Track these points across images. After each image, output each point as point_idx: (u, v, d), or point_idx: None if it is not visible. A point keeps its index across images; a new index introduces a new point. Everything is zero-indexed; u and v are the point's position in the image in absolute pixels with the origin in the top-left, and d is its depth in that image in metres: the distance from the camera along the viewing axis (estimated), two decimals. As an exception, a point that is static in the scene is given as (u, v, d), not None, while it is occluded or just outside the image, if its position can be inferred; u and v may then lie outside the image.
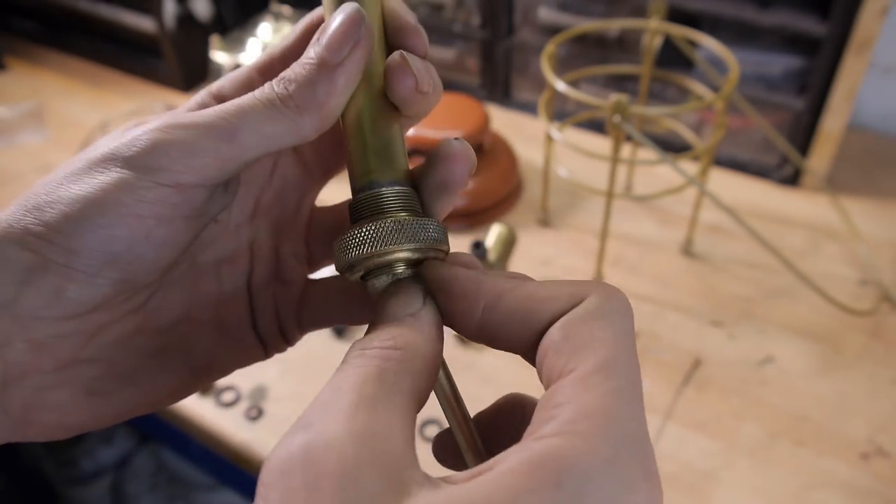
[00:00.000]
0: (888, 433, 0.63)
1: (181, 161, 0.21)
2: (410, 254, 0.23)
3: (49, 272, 0.21)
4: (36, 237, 0.21)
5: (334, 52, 0.22)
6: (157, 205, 0.22)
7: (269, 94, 0.22)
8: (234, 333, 0.27)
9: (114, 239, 0.21)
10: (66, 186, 0.22)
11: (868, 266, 0.79)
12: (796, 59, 0.86)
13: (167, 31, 1.10)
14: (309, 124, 0.23)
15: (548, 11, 0.98)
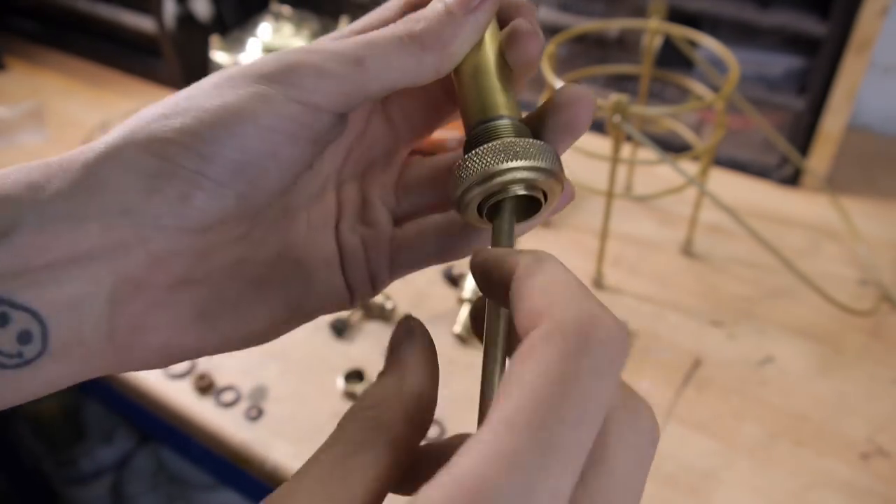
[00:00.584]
0: (888, 433, 0.63)
1: (314, 81, 0.22)
2: (532, 173, 0.23)
3: (177, 178, 0.21)
4: (165, 142, 0.21)
5: (464, 6, 0.23)
6: (289, 121, 0.22)
7: (397, 30, 0.23)
8: (323, 276, 0.27)
9: (246, 149, 0.22)
10: (198, 99, 0.22)
11: (868, 266, 0.79)
12: (796, 59, 0.86)
13: (167, 31, 1.10)
14: (430, 63, 0.23)
15: (548, 11, 0.98)
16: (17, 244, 0.20)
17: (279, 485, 0.20)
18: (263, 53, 0.93)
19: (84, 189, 0.21)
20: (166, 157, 0.21)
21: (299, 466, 0.21)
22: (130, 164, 0.21)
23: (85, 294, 0.21)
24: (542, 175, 0.24)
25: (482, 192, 0.24)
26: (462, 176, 0.24)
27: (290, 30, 0.96)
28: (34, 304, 0.20)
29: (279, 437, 0.64)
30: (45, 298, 0.20)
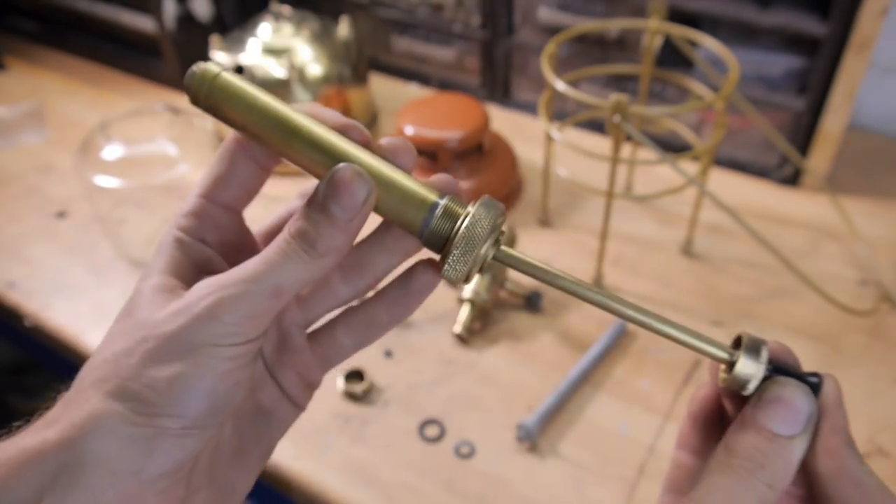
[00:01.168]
0: (888, 433, 0.63)
1: (244, 324, 0.26)
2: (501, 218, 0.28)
3: (168, 436, 0.25)
4: (146, 416, 0.25)
5: (348, 213, 0.26)
6: (237, 359, 0.26)
7: (298, 252, 0.26)
8: (275, 409, 0.31)
9: (214, 394, 0.25)
10: (153, 369, 0.25)
11: (868, 266, 0.79)
12: (796, 59, 0.86)
13: (167, 31, 1.10)
14: (331, 262, 0.27)
15: (548, 11, 0.98)
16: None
17: (279, 485, 0.21)
18: (263, 53, 0.93)
19: (91, 464, 0.24)
20: (153, 426, 0.25)
21: (299, 466, 0.22)
22: (120, 435, 0.24)
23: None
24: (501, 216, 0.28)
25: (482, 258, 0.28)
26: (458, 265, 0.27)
27: (290, 30, 0.96)
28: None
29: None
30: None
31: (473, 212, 0.27)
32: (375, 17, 1.13)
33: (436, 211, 0.27)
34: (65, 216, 0.93)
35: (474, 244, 0.27)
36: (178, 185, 0.91)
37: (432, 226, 0.27)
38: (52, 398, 0.27)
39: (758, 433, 0.26)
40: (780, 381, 0.27)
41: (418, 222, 0.27)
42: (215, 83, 0.28)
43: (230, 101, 0.28)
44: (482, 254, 0.27)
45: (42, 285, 0.83)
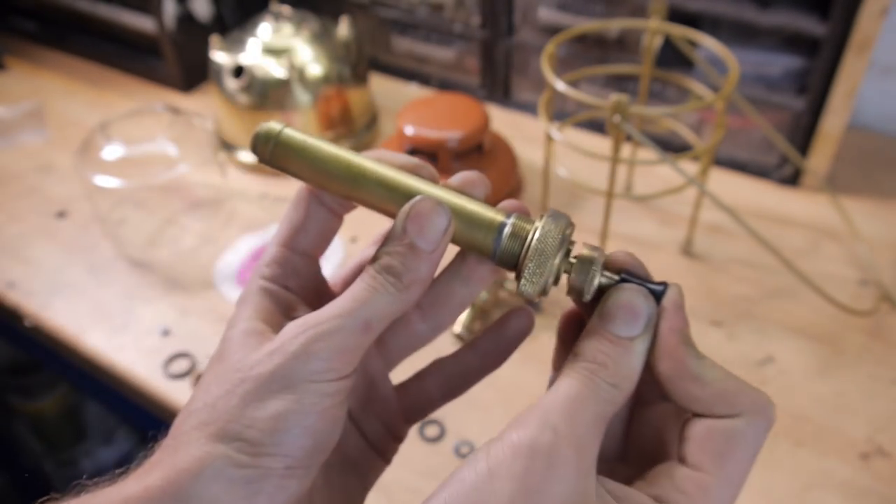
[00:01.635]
0: (888, 433, 0.63)
1: (339, 361, 0.26)
2: (569, 229, 0.29)
3: (273, 477, 0.25)
4: (250, 455, 0.25)
5: (432, 244, 0.27)
6: (334, 396, 0.26)
7: (384, 285, 0.27)
8: (361, 464, 0.32)
9: (316, 432, 0.26)
10: (254, 407, 0.25)
11: (868, 266, 0.79)
12: (796, 59, 0.86)
13: (167, 31, 1.10)
14: (416, 294, 0.28)
15: (548, 11, 0.98)
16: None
17: None
18: (263, 53, 0.93)
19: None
20: (258, 466, 0.25)
21: None
22: (227, 478, 0.24)
23: None
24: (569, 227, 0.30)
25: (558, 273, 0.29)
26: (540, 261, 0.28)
27: (290, 30, 0.96)
28: None
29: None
30: None
31: (541, 225, 0.28)
32: (375, 17, 1.13)
33: (504, 230, 0.28)
34: (65, 216, 0.93)
35: (546, 256, 0.28)
36: (178, 185, 0.92)
37: (503, 245, 0.28)
38: (150, 447, 0.27)
39: (601, 336, 0.27)
40: (621, 287, 0.28)
41: (490, 244, 0.28)
42: (279, 140, 0.29)
43: (295, 155, 0.29)
44: (556, 264, 0.28)
45: (42, 285, 0.83)
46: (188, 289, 0.81)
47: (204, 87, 1.18)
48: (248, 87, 0.93)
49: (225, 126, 1.00)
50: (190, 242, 0.88)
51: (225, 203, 0.93)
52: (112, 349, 0.75)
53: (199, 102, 1.14)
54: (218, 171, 0.91)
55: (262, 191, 0.96)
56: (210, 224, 0.90)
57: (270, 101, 0.94)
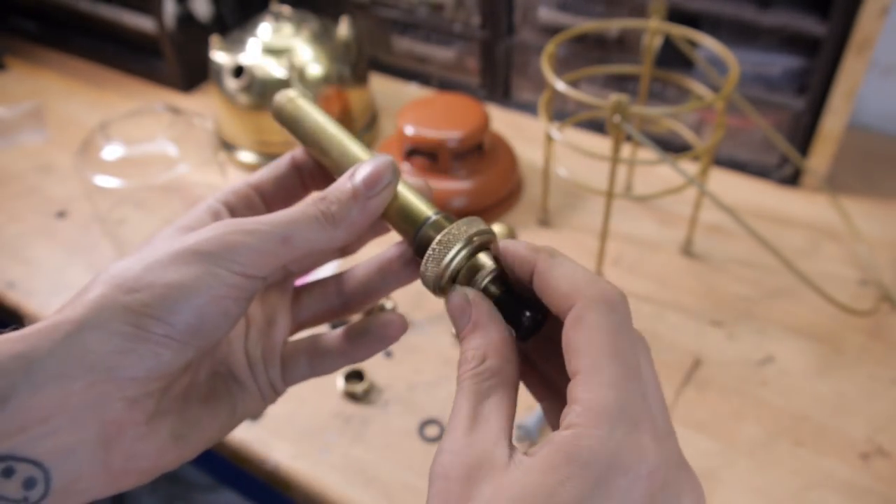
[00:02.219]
0: (888, 433, 0.63)
1: (250, 258, 0.28)
2: (479, 236, 0.30)
3: (149, 342, 0.26)
4: (136, 314, 0.26)
5: (369, 189, 0.30)
6: (233, 289, 0.28)
7: (314, 211, 0.29)
8: (246, 383, 0.33)
9: (203, 314, 0.27)
10: (157, 272, 0.27)
11: (868, 266, 0.79)
12: (796, 59, 0.86)
13: (167, 31, 1.10)
14: (341, 235, 0.30)
15: (548, 11, 0.98)
16: (15, 408, 0.24)
17: (279, 485, 0.21)
18: (263, 53, 0.93)
19: (70, 354, 0.25)
20: (139, 326, 0.26)
21: (299, 466, 0.22)
22: (108, 330, 0.26)
23: (77, 441, 0.25)
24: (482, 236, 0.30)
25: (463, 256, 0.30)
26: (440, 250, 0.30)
27: (290, 30, 0.96)
28: (35, 455, 0.25)
29: (279, 437, 0.64)
30: (44, 449, 0.25)
31: (452, 224, 0.30)
32: (375, 17, 1.13)
33: (428, 221, 0.31)
34: (65, 216, 0.93)
35: (446, 248, 0.30)
36: (178, 185, 0.92)
37: (421, 233, 0.31)
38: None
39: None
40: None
41: (412, 231, 0.31)
42: (285, 106, 0.36)
43: (294, 121, 0.36)
44: (454, 258, 0.30)
45: (42, 285, 0.83)
46: (188, 289, 0.81)
47: (204, 87, 1.18)
48: (248, 87, 0.93)
49: (225, 126, 1.00)
50: (190, 242, 0.88)
51: (225, 203, 0.92)
52: (112, 349, 0.75)
53: (199, 102, 1.14)
54: (218, 171, 0.91)
55: (262, 191, 0.96)
56: (210, 224, 0.90)
57: (270, 102, 0.94)
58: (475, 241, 0.30)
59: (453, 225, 0.30)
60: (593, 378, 0.24)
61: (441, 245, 0.30)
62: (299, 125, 0.35)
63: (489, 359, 0.28)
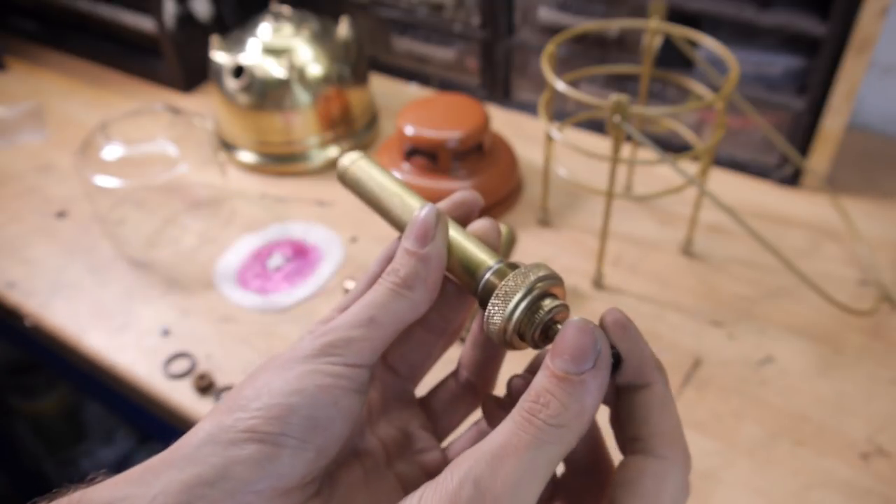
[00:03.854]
0: (888, 433, 0.63)
1: (344, 348, 0.28)
2: (543, 283, 0.29)
3: (265, 443, 0.25)
4: (247, 420, 0.26)
5: (421, 244, 0.30)
6: (338, 378, 0.27)
7: (386, 285, 0.29)
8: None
9: (314, 405, 0.26)
10: (259, 387, 0.27)
11: (868, 266, 0.79)
12: (796, 59, 0.86)
13: (167, 31, 1.10)
14: (419, 297, 0.29)
15: (548, 11, 0.98)
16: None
17: None
18: (263, 53, 0.93)
19: (189, 476, 0.25)
20: (252, 430, 0.25)
21: None
22: (221, 445, 0.25)
23: None
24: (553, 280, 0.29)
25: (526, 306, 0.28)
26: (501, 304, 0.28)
27: (290, 30, 0.96)
28: None
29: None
30: None
31: (511, 273, 0.29)
32: (375, 17, 1.13)
33: (491, 269, 0.30)
34: (65, 216, 0.93)
35: (508, 297, 0.28)
36: (178, 185, 0.92)
37: (483, 286, 0.30)
38: None
39: (544, 373, 0.25)
40: (568, 321, 0.27)
41: (475, 282, 0.30)
42: (348, 170, 0.35)
43: (356, 184, 0.34)
44: (517, 307, 0.28)
45: (42, 285, 0.83)
46: (188, 289, 0.81)
47: (204, 87, 1.18)
48: (248, 87, 0.93)
49: (225, 126, 1.00)
50: (190, 242, 0.88)
51: (225, 203, 0.93)
52: (112, 349, 0.75)
53: (199, 102, 1.14)
54: (218, 171, 0.91)
55: (262, 191, 0.96)
56: (210, 224, 0.90)
57: (270, 101, 0.94)
58: (538, 288, 0.29)
59: (512, 273, 0.29)
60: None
61: (503, 294, 0.28)
62: (362, 187, 0.34)
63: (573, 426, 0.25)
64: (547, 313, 0.28)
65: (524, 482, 0.23)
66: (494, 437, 0.24)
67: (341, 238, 0.87)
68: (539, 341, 0.29)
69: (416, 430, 0.34)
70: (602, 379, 0.26)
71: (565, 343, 0.26)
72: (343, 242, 0.86)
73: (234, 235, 0.88)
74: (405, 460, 0.33)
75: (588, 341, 0.26)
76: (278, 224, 0.89)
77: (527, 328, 0.28)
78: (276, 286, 0.81)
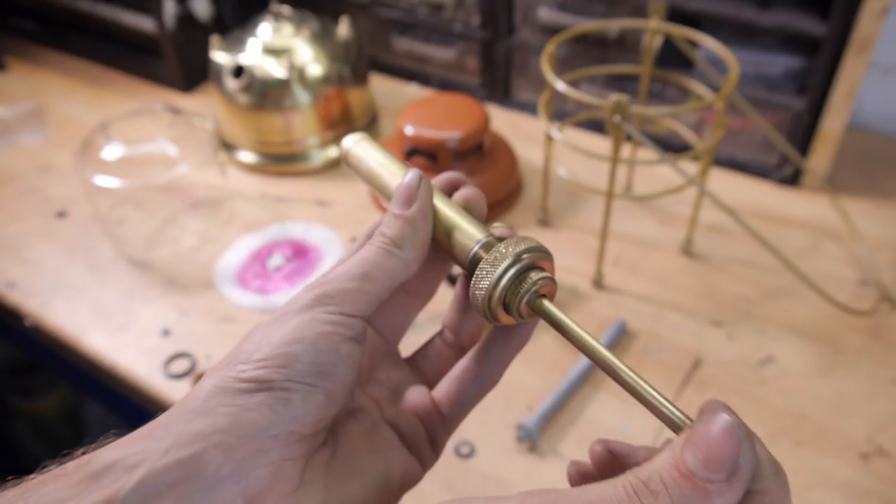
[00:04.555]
0: (888, 433, 0.63)
1: (340, 298, 0.29)
2: (530, 254, 0.29)
3: (274, 390, 0.26)
4: (252, 374, 0.26)
5: (404, 207, 0.31)
6: (336, 326, 0.28)
7: (377, 244, 0.30)
8: (396, 459, 0.32)
9: (317, 351, 0.27)
10: (259, 341, 0.27)
11: (868, 266, 0.79)
12: (796, 59, 0.86)
13: (167, 31, 1.10)
14: (409, 255, 0.31)
15: (548, 11, 0.98)
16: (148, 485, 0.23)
17: None
18: (263, 53, 0.93)
19: (201, 426, 0.25)
20: (259, 380, 0.26)
21: None
22: (230, 394, 0.25)
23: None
24: (541, 253, 0.30)
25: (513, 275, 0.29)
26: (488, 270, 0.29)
27: (290, 30, 0.96)
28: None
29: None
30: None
31: (500, 244, 0.30)
32: (375, 17, 1.13)
33: (478, 245, 0.31)
34: (65, 216, 0.93)
35: (494, 266, 0.29)
36: (178, 185, 0.92)
37: (472, 256, 0.31)
38: None
39: (672, 462, 0.22)
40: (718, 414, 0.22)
41: (465, 254, 0.31)
42: (357, 145, 0.36)
43: (355, 162, 0.36)
44: (501, 277, 0.29)
45: (42, 285, 0.83)
46: (188, 289, 0.81)
47: (204, 87, 1.18)
48: (248, 87, 0.93)
49: (225, 126, 1.00)
50: (190, 242, 0.88)
51: (225, 203, 0.93)
52: (112, 349, 0.75)
53: (199, 102, 1.14)
54: (218, 171, 0.91)
55: (262, 191, 0.96)
56: (210, 224, 0.90)
57: (270, 101, 0.94)
58: (524, 259, 0.29)
59: (502, 244, 0.29)
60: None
61: (487, 265, 0.29)
62: (364, 167, 0.35)
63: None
64: (533, 283, 0.29)
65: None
66: (588, 493, 0.22)
67: (341, 238, 0.87)
68: (524, 313, 0.29)
69: (404, 386, 0.35)
70: (731, 499, 0.22)
71: (706, 437, 0.22)
72: (343, 242, 0.86)
73: (234, 235, 0.88)
74: (398, 412, 0.34)
75: (732, 448, 0.22)
76: (278, 224, 0.89)
77: (512, 298, 0.29)
78: (276, 286, 0.81)
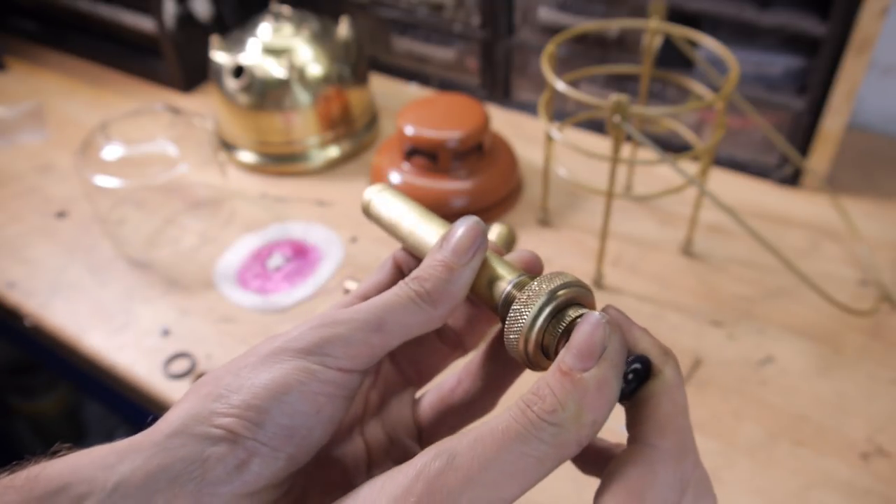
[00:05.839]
0: (888, 433, 0.63)
1: (345, 350, 0.26)
2: (566, 290, 0.26)
3: (237, 446, 0.24)
4: (223, 416, 0.24)
5: (461, 257, 0.27)
6: (328, 385, 0.25)
7: (408, 292, 0.27)
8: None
9: (294, 413, 0.25)
10: (245, 375, 0.25)
11: (868, 266, 0.79)
12: (796, 59, 0.86)
13: (167, 31, 1.10)
14: (441, 313, 0.27)
15: (548, 11, 0.98)
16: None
17: None
18: (263, 53, 0.93)
19: (154, 466, 0.23)
20: (227, 428, 0.24)
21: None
22: (194, 438, 0.24)
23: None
24: (578, 288, 0.27)
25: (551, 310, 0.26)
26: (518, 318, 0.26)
27: (290, 30, 0.96)
28: None
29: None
30: None
31: (533, 282, 0.27)
32: (375, 17, 1.13)
33: (510, 285, 0.28)
34: (65, 216, 0.93)
35: (526, 306, 0.26)
36: (178, 185, 0.92)
37: (505, 297, 0.28)
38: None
39: (552, 368, 0.24)
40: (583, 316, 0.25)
41: (496, 297, 0.28)
42: (370, 204, 0.34)
43: (378, 218, 0.33)
44: (535, 317, 0.26)
45: (42, 285, 0.83)
46: (188, 289, 0.81)
47: (204, 87, 1.18)
48: (248, 87, 0.93)
49: (225, 126, 1.00)
50: (190, 242, 0.88)
51: (225, 203, 0.93)
52: (112, 349, 0.75)
53: (199, 102, 1.14)
54: (218, 171, 0.91)
55: (262, 191, 0.96)
56: (210, 224, 0.90)
57: (270, 101, 0.94)
58: (560, 296, 0.26)
59: (536, 280, 0.26)
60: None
61: (521, 304, 0.26)
62: (384, 217, 0.33)
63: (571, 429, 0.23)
64: (571, 322, 0.26)
65: (502, 472, 0.22)
66: (485, 424, 0.23)
67: (341, 238, 0.87)
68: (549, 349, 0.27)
69: (404, 438, 0.32)
70: (604, 379, 0.23)
71: (577, 335, 0.24)
72: (343, 242, 0.86)
73: (234, 235, 0.88)
74: (385, 468, 0.31)
75: (597, 336, 0.24)
76: (278, 224, 0.89)
77: (551, 339, 0.26)
78: (276, 286, 0.81)
